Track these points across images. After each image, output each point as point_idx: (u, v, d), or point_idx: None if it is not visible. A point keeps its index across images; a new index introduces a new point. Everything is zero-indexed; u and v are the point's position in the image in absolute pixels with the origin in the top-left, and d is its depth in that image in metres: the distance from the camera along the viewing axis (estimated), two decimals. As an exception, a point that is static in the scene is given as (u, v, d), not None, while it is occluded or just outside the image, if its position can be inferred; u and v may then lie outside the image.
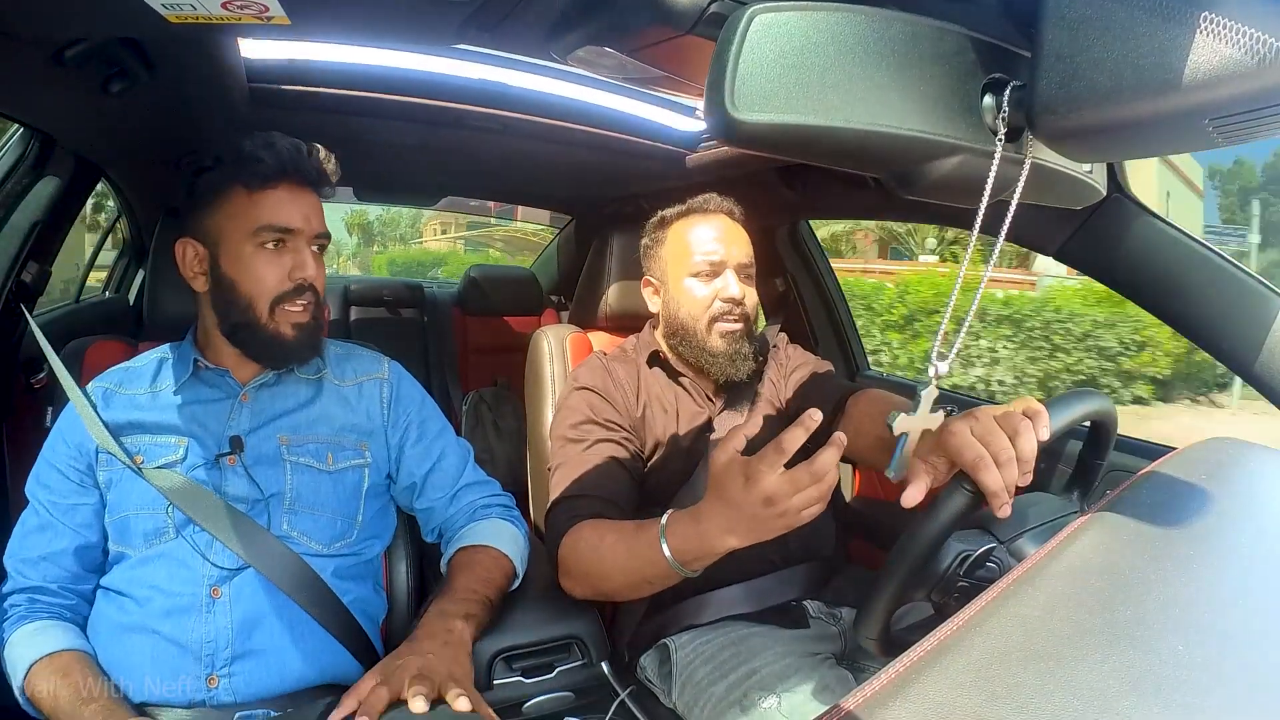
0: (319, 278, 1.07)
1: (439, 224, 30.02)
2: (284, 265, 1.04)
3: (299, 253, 1.05)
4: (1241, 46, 0.44)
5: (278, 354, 1.07)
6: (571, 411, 1.27)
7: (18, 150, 1.36)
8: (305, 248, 1.05)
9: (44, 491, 1.03)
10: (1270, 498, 0.79)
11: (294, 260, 1.04)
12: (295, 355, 1.09)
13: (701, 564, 0.94)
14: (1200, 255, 1.05)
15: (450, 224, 28.95)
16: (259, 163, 1.02)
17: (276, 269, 1.04)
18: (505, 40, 1.06)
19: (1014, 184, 0.60)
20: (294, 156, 1.04)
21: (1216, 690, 0.43)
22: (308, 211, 1.06)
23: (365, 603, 1.10)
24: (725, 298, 1.29)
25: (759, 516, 0.83)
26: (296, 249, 1.05)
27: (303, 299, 1.05)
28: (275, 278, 1.04)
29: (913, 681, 0.41)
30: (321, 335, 1.13)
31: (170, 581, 0.99)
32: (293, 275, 1.04)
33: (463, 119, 1.55)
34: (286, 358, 1.08)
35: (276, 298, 1.04)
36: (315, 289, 1.07)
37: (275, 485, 1.05)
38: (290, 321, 1.05)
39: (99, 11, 0.90)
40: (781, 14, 0.52)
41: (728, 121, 0.52)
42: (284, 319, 1.05)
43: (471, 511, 1.18)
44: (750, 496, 0.82)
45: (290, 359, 1.09)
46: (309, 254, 1.06)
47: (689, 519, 0.92)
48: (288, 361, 1.09)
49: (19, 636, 0.95)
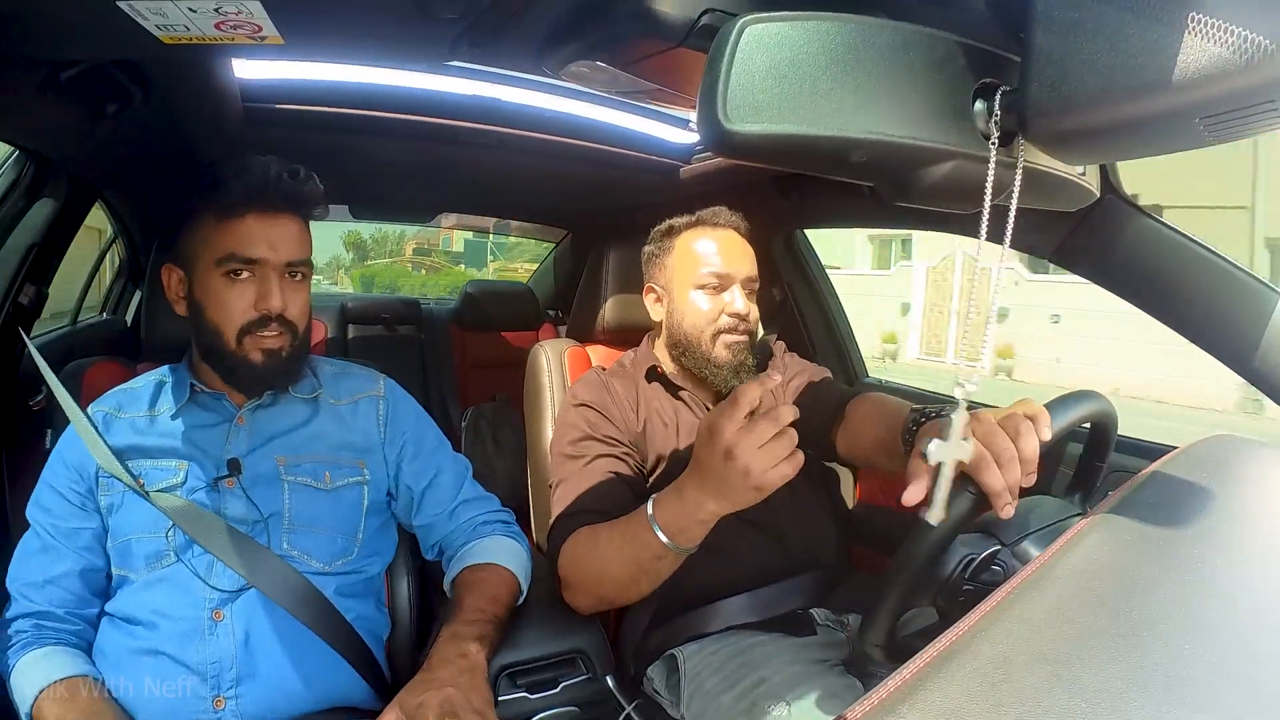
0: (291, 307, 1.05)
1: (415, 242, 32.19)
2: (249, 295, 1.02)
3: (265, 282, 1.02)
4: (1230, 45, 0.44)
5: (247, 378, 1.06)
6: (570, 428, 1.27)
7: (14, 172, 1.36)
8: (273, 277, 1.03)
9: (44, 515, 1.02)
10: (1273, 494, 0.79)
11: (259, 290, 1.02)
12: (265, 381, 1.07)
13: (690, 537, 0.95)
14: (1195, 254, 1.05)
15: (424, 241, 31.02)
16: (225, 190, 1.00)
17: (242, 299, 1.02)
18: (498, 56, 1.07)
19: (1007, 188, 0.61)
20: (261, 183, 1.01)
21: (1225, 689, 0.43)
22: (275, 240, 1.02)
23: (368, 621, 1.09)
24: (731, 313, 1.30)
25: (726, 475, 0.84)
26: (263, 278, 1.02)
27: (269, 329, 1.03)
28: (240, 308, 1.02)
29: (920, 687, 0.41)
30: (301, 360, 1.11)
31: (173, 606, 0.98)
32: (258, 306, 1.02)
33: (457, 135, 1.56)
34: (256, 383, 1.07)
35: (243, 328, 1.02)
36: (286, 319, 1.04)
37: (274, 505, 1.05)
38: (260, 348, 1.03)
39: (94, 34, 0.91)
40: (772, 25, 0.53)
41: (721, 132, 0.53)
42: (253, 345, 1.03)
43: (471, 528, 1.17)
44: (715, 452, 0.83)
45: (260, 384, 1.07)
46: (275, 283, 1.03)
47: (672, 490, 0.94)
48: (259, 387, 1.08)
49: (26, 663, 0.94)
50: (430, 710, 0.83)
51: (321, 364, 1.20)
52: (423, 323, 2.83)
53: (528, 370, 1.59)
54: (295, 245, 1.05)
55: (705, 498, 0.89)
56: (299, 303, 1.07)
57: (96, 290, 2.52)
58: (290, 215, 1.05)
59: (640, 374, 1.37)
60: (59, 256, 1.50)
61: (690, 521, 0.93)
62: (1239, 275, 1.02)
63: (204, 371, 1.09)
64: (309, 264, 1.09)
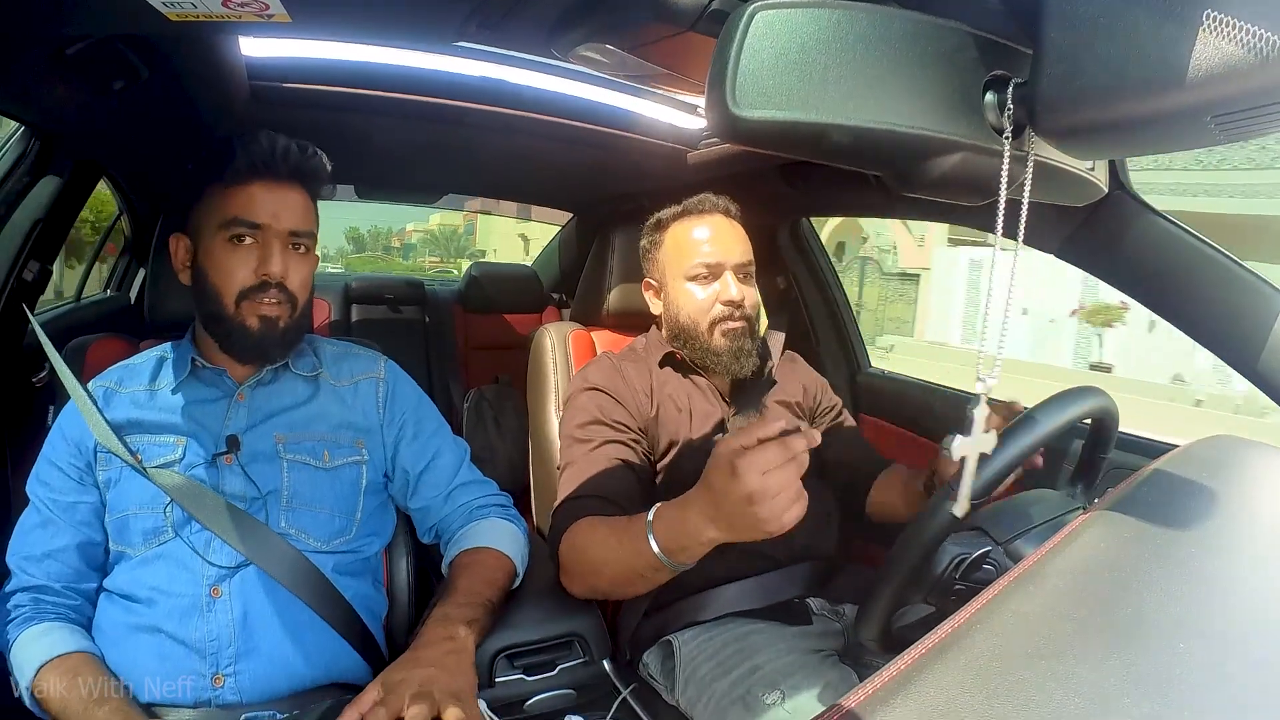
0: (292, 277, 1.06)
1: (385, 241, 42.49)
2: (250, 261, 1.04)
3: (267, 248, 1.04)
4: (1244, 43, 0.44)
5: (244, 345, 1.06)
6: (580, 411, 1.27)
7: (19, 148, 1.36)
8: (275, 244, 1.04)
9: (44, 489, 1.03)
10: (1272, 495, 0.78)
11: (260, 255, 1.04)
12: (261, 350, 1.07)
13: (687, 556, 0.92)
14: (1202, 253, 1.05)
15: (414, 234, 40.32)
16: (232, 158, 1.02)
17: (243, 264, 1.03)
18: (507, 37, 1.06)
19: (1016, 182, 0.60)
20: (269, 153, 1.03)
21: (1218, 689, 0.43)
22: (277, 208, 1.04)
23: (366, 600, 1.10)
24: (725, 300, 1.30)
25: (739, 513, 0.81)
26: (265, 244, 1.04)
27: (268, 295, 1.04)
28: (241, 272, 1.03)
29: (914, 679, 0.41)
30: (298, 334, 1.12)
31: (171, 582, 0.99)
32: (258, 271, 1.03)
33: (464, 117, 1.55)
34: (251, 351, 1.07)
35: (242, 292, 1.03)
36: (285, 286, 1.06)
37: (272, 483, 1.05)
38: (257, 314, 1.04)
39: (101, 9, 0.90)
40: (783, 11, 0.52)
41: (729, 119, 0.52)
42: (250, 311, 1.04)
43: (468, 512, 1.17)
44: (733, 489, 0.80)
45: (256, 353, 1.08)
46: (278, 250, 1.04)
47: (676, 506, 0.91)
48: (255, 355, 1.08)
49: (26, 638, 0.95)
50: (409, 688, 0.83)
51: (323, 344, 1.20)
52: (426, 304, 2.83)
53: (531, 353, 1.59)
54: (299, 215, 1.07)
55: (707, 523, 0.86)
56: (301, 274, 1.07)
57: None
58: (296, 187, 1.07)
59: (654, 359, 1.37)
60: (64, 233, 1.50)
61: (690, 542, 0.90)
62: (1246, 276, 1.02)
63: (206, 346, 1.10)
64: (313, 237, 1.10)
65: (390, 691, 0.84)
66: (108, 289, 2.61)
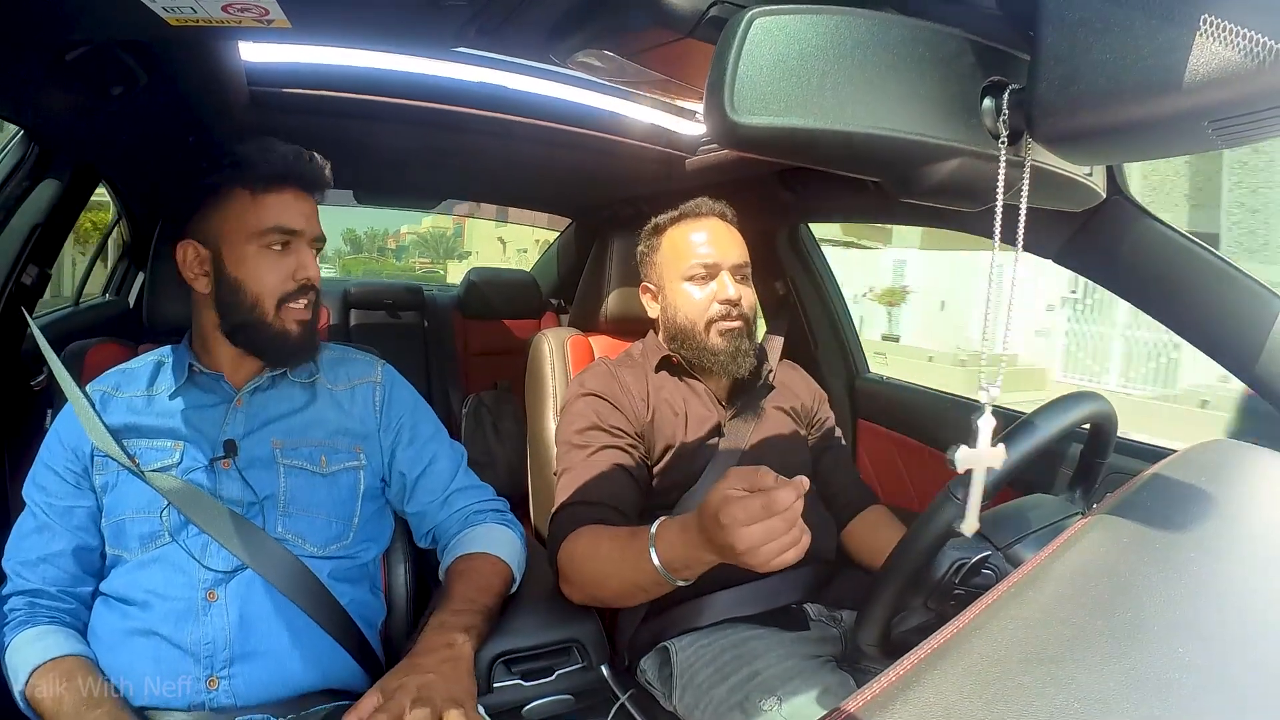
0: (318, 278, 1.10)
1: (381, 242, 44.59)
2: (288, 266, 1.06)
3: (301, 253, 1.08)
4: (1241, 48, 0.44)
5: (283, 350, 1.09)
6: (577, 417, 1.27)
7: (18, 153, 1.36)
8: (306, 248, 1.08)
9: (40, 494, 1.03)
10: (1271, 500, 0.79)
11: (297, 261, 1.07)
12: (299, 352, 1.11)
13: (689, 573, 0.92)
14: (1200, 257, 1.05)
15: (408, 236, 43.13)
16: (263, 166, 1.04)
17: (280, 270, 1.06)
18: (505, 43, 1.06)
19: (1014, 187, 0.60)
20: (295, 161, 1.07)
21: (1217, 692, 0.43)
22: (309, 214, 1.09)
23: (363, 606, 1.10)
24: (722, 300, 1.30)
25: (732, 557, 0.80)
26: (299, 250, 1.07)
27: (305, 298, 1.08)
28: (279, 278, 1.06)
29: (913, 684, 0.41)
30: (318, 334, 1.14)
31: (167, 586, 0.99)
32: (296, 275, 1.07)
33: (463, 122, 1.55)
34: (290, 355, 1.10)
35: (281, 297, 1.06)
36: (316, 289, 1.10)
37: (269, 488, 1.05)
38: (295, 319, 1.08)
39: (100, 15, 0.90)
40: (781, 17, 0.52)
41: (727, 124, 0.52)
42: (289, 316, 1.07)
43: (464, 517, 1.17)
44: (719, 538, 0.79)
45: (293, 356, 1.11)
46: (310, 255, 1.09)
47: (678, 527, 0.91)
48: (291, 358, 1.11)
49: (20, 641, 0.95)
50: (408, 694, 0.83)
51: (321, 349, 1.20)
52: (426, 310, 2.83)
53: (530, 358, 1.59)
54: (318, 221, 1.11)
55: (705, 548, 0.85)
56: (318, 276, 1.12)
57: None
58: (311, 195, 1.11)
59: (650, 364, 1.37)
60: (62, 237, 1.50)
61: (691, 561, 0.89)
62: (1244, 280, 1.02)
63: (204, 352, 1.10)
64: (325, 240, 1.14)
65: (389, 698, 0.83)
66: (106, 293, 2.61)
